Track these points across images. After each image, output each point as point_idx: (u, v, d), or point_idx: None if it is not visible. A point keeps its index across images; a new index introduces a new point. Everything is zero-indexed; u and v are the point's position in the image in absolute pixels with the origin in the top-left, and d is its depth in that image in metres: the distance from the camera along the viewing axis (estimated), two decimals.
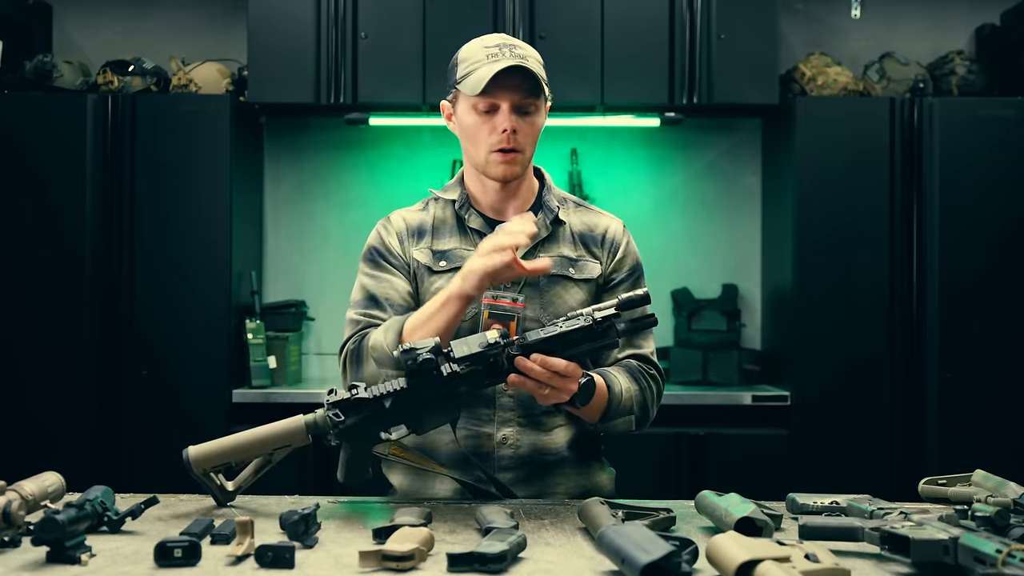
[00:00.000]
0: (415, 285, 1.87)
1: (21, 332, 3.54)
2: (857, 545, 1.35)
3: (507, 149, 1.80)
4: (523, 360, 1.57)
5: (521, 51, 1.80)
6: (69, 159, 3.56)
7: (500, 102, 1.79)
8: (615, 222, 1.96)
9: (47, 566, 1.26)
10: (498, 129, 1.80)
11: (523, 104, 1.80)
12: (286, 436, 1.64)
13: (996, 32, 4.07)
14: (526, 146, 1.82)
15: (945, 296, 3.56)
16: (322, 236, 4.12)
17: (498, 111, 1.79)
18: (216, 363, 3.58)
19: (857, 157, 3.63)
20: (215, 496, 1.66)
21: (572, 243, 1.90)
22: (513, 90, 1.78)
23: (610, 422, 1.79)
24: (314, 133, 4.11)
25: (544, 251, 1.87)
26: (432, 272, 1.85)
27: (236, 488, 1.67)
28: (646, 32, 3.70)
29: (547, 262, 1.71)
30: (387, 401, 1.58)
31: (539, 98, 1.82)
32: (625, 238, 1.94)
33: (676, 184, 4.14)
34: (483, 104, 1.79)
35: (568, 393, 1.62)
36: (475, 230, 1.87)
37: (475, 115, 1.81)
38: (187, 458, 1.63)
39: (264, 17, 3.69)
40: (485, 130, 1.81)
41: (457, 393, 1.60)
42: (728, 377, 3.80)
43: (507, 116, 1.79)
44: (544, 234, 1.88)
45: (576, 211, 1.94)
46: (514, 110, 1.79)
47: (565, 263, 1.87)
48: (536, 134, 1.84)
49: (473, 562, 1.25)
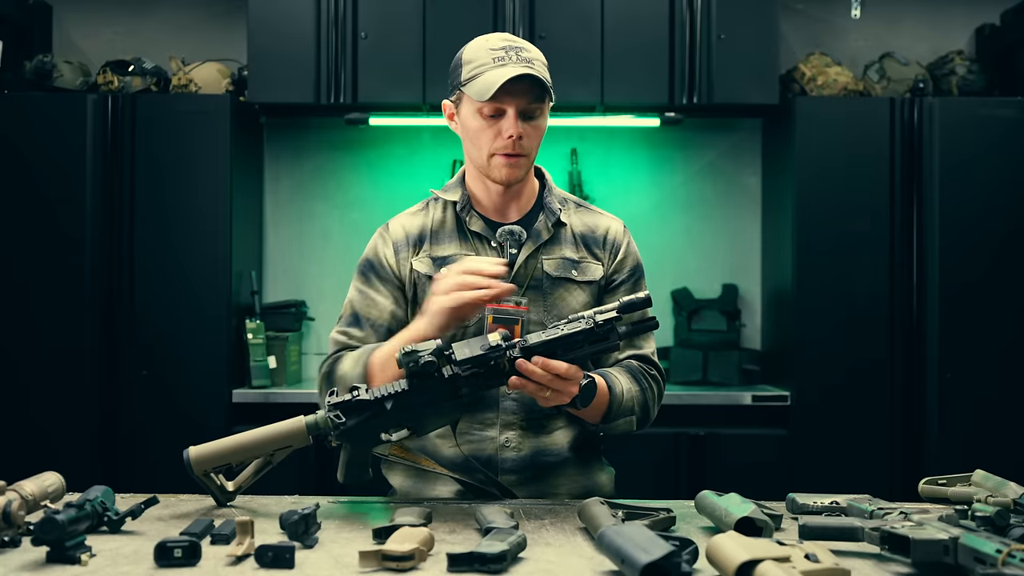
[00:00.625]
0: (413, 295, 1.86)
1: (21, 332, 3.54)
2: (857, 545, 1.34)
3: (512, 153, 1.79)
4: (524, 363, 1.57)
5: (527, 54, 1.79)
6: (69, 159, 3.56)
7: (507, 107, 1.77)
8: (616, 223, 1.95)
9: (47, 566, 1.26)
10: (504, 134, 1.78)
11: (529, 109, 1.79)
12: (287, 437, 1.64)
13: (996, 32, 4.07)
14: (531, 150, 1.82)
15: (945, 296, 3.56)
16: (322, 236, 4.12)
17: (504, 116, 1.78)
18: (216, 363, 3.58)
19: (857, 157, 3.63)
20: (215, 496, 1.66)
21: (574, 245, 1.89)
22: (520, 96, 1.77)
23: (611, 423, 1.79)
24: (314, 133, 4.11)
25: (546, 253, 1.86)
26: (433, 281, 1.83)
27: (236, 488, 1.67)
28: (646, 32, 3.70)
29: (510, 287, 1.68)
30: (388, 403, 1.58)
31: (544, 102, 1.80)
32: (626, 239, 1.94)
33: (676, 184, 4.14)
34: (489, 108, 1.78)
35: (569, 395, 1.62)
36: (475, 233, 1.86)
37: (480, 119, 1.80)
38: (187, 459, 1.63)
39: (264, 17, 3.69)
40: (490, 134, 1.80)
41: (459, 395, 1.60)
42: (728, 377, 3.80)
43: (513, 122, 1.77)
44: (546, 237, 1.87)
45: (577, 212, 1.94)
46: (520, 115, 1.78)
47: (568, 265, 1.87)
48: (540, 137, 1.84)
49: (473, 562, 1.25)
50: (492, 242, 1.85)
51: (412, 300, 1.86)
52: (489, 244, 1.85)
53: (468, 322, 1.78)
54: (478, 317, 1.78)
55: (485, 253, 1.84)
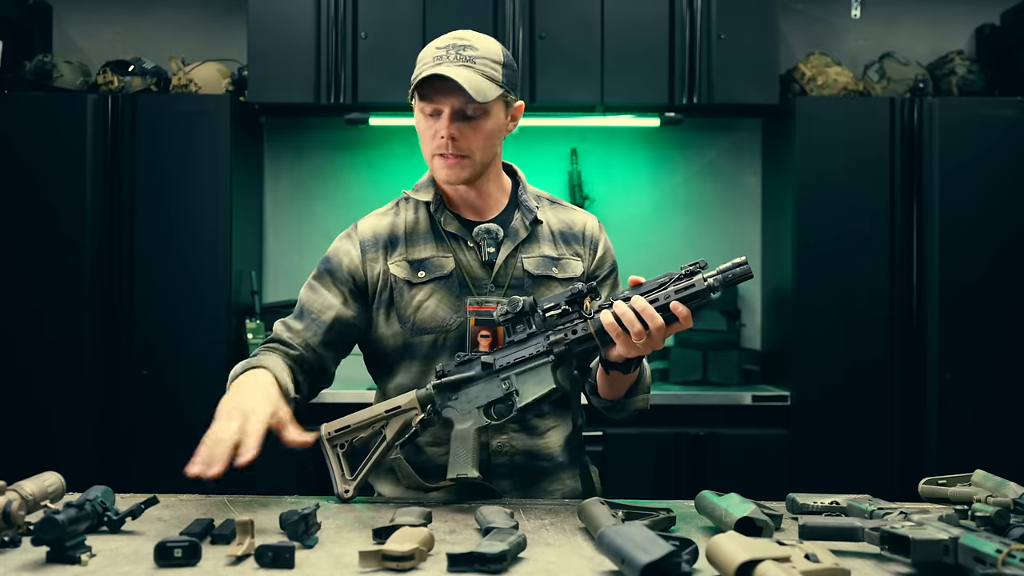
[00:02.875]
0: (389, 298, 1.82)
1: (21, 332, 3.54)
2: (857, 545, 1.34)
3: (448, 154, 1.76)
4: (644, 302, 1.58)
5: (471, 52, 1.74)
6: (69, 159, 3.56)
7: (441, 107, 1.76)
8: (591, 219, 1.94)
9: (47, 566, 1.26)
10: (438, 133, 1.77)
11: (464, 109, 1.75)
12: (396, 401, 1.71)
13: (996, 32, 4.07)
14: (473, 151, 1.77)
15: (945, 296, 3.56)
16: (322, 236, 4.08)
17: (440, 115, 1.76)
18: (216, 363, 3.57)
19: (857, 157, 3.63)
20: (337, 482, 1.71)
21: (552, 242, 1.87)
22: (452, 95, 1.73)
23: (632, 397, 1.80)
24: (314, 133, 4.11)
25: (525, 252, 1.84)
26: (412, 285, 1.81)
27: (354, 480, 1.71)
28: (646, 32, 3.70)
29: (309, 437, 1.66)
30: (488, 356, 1.67)
31: (486, 102, 1.74)
32: (603, 235, 1.93)
33: (676, 184, 4.14)
34: (428, 108, 1.77)
35: (659, 346, 1.61)
36: (451, 234, 1.83)
37: (422, 117, 1.79)
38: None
39: (264, 17, 3.69)
40: (428, 134, 1.79)
41: (550, 352, 1.65)
42: (728, 377, 3.80)
43: (446, 123, 1.75)
44: (524, 235, 1.85)
45: (551, 208, 1.92)
46: (456, 115, 1.75)
47: (548, 263, 1.85)
48: (486, 138, 1.78)
49: (473, 562, 1.25)
50: (469, 242, 1.83)
51: (388, 303, 1.82)
52: (466, 244, 1.83)
53: (487, 288, 1.81)
54: (460, 321, 1.77)
55: (462, 253, 1.82)
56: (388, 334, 1.82)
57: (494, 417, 1.68)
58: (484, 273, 1.81)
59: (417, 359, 1.81)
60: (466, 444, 1.66)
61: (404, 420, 1.70)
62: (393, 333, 1.82)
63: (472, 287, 1.80)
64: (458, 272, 1.80)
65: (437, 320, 1.79)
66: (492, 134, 1.79)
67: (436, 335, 1.79)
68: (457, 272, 1.80)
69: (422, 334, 1.79)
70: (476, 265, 1.81)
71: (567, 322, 1.65)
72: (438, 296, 1.79)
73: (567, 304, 1.65)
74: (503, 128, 1.82)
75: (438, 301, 1.79)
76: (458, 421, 1.68)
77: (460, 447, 1.66)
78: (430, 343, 1.80)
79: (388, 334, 1.82)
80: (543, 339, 1.66)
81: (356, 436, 1.71)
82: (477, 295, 1.78)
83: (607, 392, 1.77)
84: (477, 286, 1.80)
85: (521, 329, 1.67)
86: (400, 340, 1.81)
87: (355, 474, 1.71)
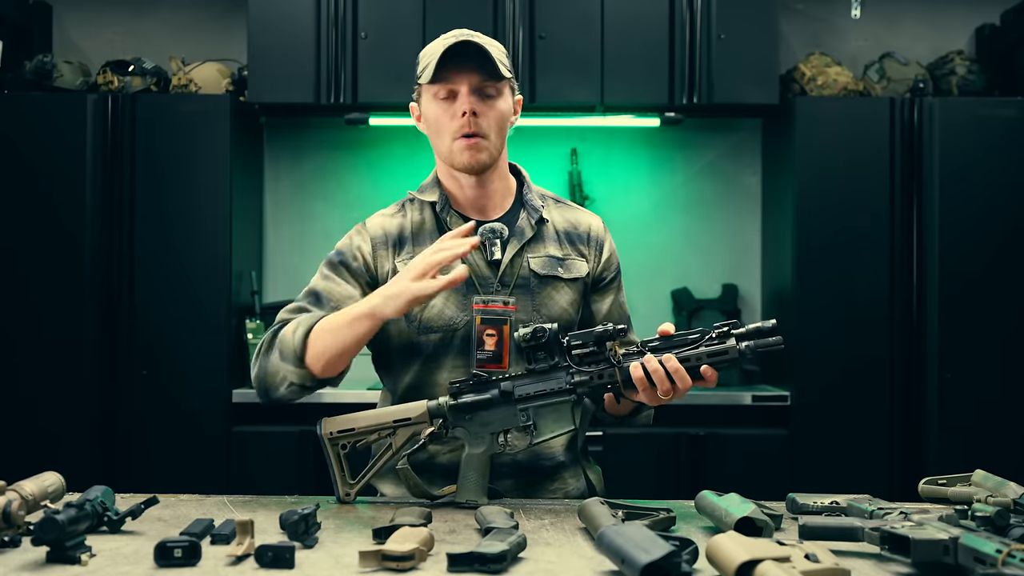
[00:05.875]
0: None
1: (21, 332, 3.54)
2: (857, 545, 1.34)
3: (470, 134, 1.78)
4: (675, 361, 1.59)
5: (479, 40, 1.80)
6: (69, 159, 3.56)
7: (458, 87, 1.78)
8: (595, 219, 1.95)
9: (47, 566, 1.26)
10: (457, 112, 1.78)
11: (482, 86, 1.78)
12: (406, 411, 1.69)
13: (996, 32, 4.07)
14: (490, 131, 1.79)
15: (945, 296, 3.56)
16: (322, 236, 4.12)
17: (457, 96, 1.78)
18: (216, 363, 3.57)
19: (857, 157, 3.63)
20: (337, 484, 1.69)
21: (557, 242, 1.88)
22: (470, 73, 1.77)
23: (639, 415, 1.82)
24: (314, 133, 4.11)
25: (531, 251, 1.85)
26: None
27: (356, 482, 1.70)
28: (646, 32, 3.70)
29: (463, 270, 1.66)
30: (505, 382, 1.65)
31: (499, 81, 1.79)
32: (607, 236, 1.94)
33: (676, 184, 4.14)
34: (443, 91, 1.79)
35: (681, 395, 1.63)
36: None
37: (436, 104, 1.81)
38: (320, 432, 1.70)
39: (264, 17, 3.69)
40: (447, 117, 1.80)
41: (573, 389, 1.64)
42: (728, 377, 3.80)
43: (466, 98, 1.77)
44: (529, 235, 1.86)
45: (557, 208, 1.93)
46: (473, 92, 1.78)
47: (554, 263, 1.85)
48: (501, 120, 1.81)
49: (473, 562, 1.24)
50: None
51: None
52: None
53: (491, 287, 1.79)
54: (466, 320, 1.77)
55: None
56: (395, 332, 1.83)
57: (507, 446, 1.68)
58: (490, 272, 1.82)
59: (423, 357, 1.81)
60: (478, 470, 1.66)
61: (412, 431, 1.69)
62: (400, 331, 1.82)
63: (478, 286, 1.80)
64: None
65: (444, 319, 1.79)
66: (505, 117, 1.83)
67: (443, 334, 1.79)
68: None
69: (429, 333, 1.79)
70: (482, 264, 1.82)
71: (592, 362, 1.64)
72: (445, 295, 1.79)
73: (595, 344, 1.64)
74: (510, 115, 1.85)
75: (445, 300, 1.79)
76: (470, 444, 1.67)
77: (471, 472, 1.66)
78: (437, 342, 1.80)
79: (395, 332, 1.83)
80: (566, 375, 1.65)
81: (360, 440, 1.70)
82: (483, 294, 1.79)
83: (613, 410, 1.78)
84: (483, 285, 1.81)
85: (543, 357, 1.65)
86: (407, 338, 1.81)
87: (357, 479, 1.70)
